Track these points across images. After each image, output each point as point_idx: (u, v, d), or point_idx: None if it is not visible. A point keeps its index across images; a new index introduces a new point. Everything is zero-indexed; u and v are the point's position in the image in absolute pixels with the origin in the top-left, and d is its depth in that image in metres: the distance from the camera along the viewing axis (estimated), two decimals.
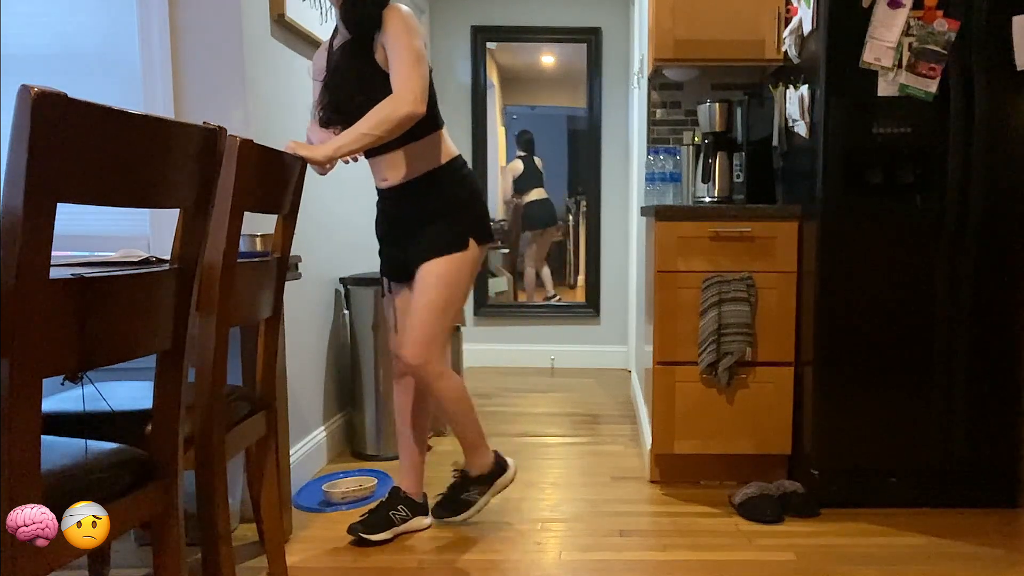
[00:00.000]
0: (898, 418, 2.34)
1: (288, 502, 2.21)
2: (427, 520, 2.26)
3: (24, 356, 0.91)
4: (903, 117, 2.27)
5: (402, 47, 1.88)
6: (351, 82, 1.97)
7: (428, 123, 1.98)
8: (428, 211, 2.02)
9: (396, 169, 2.02)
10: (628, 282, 4.52)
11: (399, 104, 1.85)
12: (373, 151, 2.03)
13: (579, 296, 4.73)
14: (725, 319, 2.45)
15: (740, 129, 2.95)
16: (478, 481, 2.19)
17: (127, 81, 2.18)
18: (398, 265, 2.12)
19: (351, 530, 2.13)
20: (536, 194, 4.62)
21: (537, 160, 4.63)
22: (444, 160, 2.04)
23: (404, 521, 2.19)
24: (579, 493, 2.56)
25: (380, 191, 2.11)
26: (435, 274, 2.00)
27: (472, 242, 2.03)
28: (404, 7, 1.94)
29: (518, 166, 4.58)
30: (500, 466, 2.22)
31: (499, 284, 4.70)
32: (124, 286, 1.09)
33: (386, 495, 2.24)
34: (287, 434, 2.22)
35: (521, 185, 4.61)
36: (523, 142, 4.61)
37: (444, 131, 2.07)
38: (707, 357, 2.47)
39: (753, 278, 2.47)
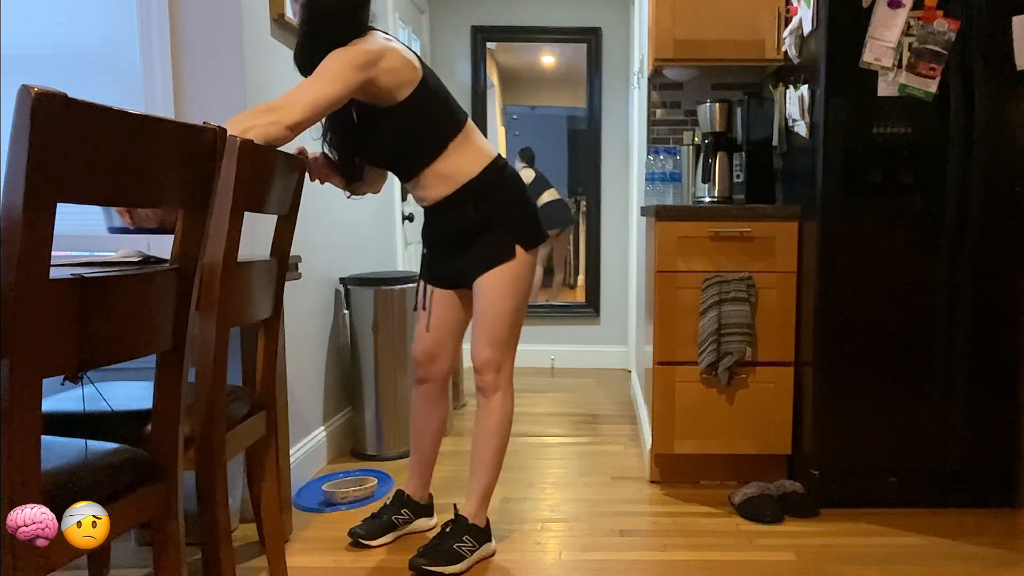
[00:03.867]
0: (898, 418, 2.34)
1: (288, 502, 2.21)
2: (432, 521, 2.25)
3: (24, 356, 0.91)
4: (903, 117, 2.27)
5: (317, 71, 1.77)
6: (345, 132, 1.96)
7: (443, 134, 1.92)
8: (471, 224, 1.96)
9: (429, 189, 1.98)
10: (628, 282, 4.52)
11: (264, 116, 1.66)
12: (401, 179, 2.02)
13: (579, 296, 4.73)
14: (725, 319, 2.45)
15: (740, 129, 2.96)
16: (473, 532, 2.02)
17: (127, 81, 2.18)
18: (445, 276, 2.09)
19: (352, 534, 2.12)
20: (549, 195, 4.64)
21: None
22: (478, 169, 1.95)
23: (407, 523, 2.19)
24: (579, 493, 2.56)
25: (422, 208, 2.08)
26: (491, 287, 1.96)
27: (519, 249, 1.97)
28: (371, 38, 1.82)
29: (529, 173, 4.59)
30: (488, 530, 2.09)
31: None
32: (124, 286, 1.09)
33: (390, 498, 2.23)
34: (287, 434, 2.22)
35: (534, 190, 4.62)
36: (525, 157, 4.62)
37: (470, 136, 1.97)
38: (707, 357, 2.47)
39: (753, 278, 2.47)
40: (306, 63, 1.86)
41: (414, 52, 1.96)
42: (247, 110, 1.71)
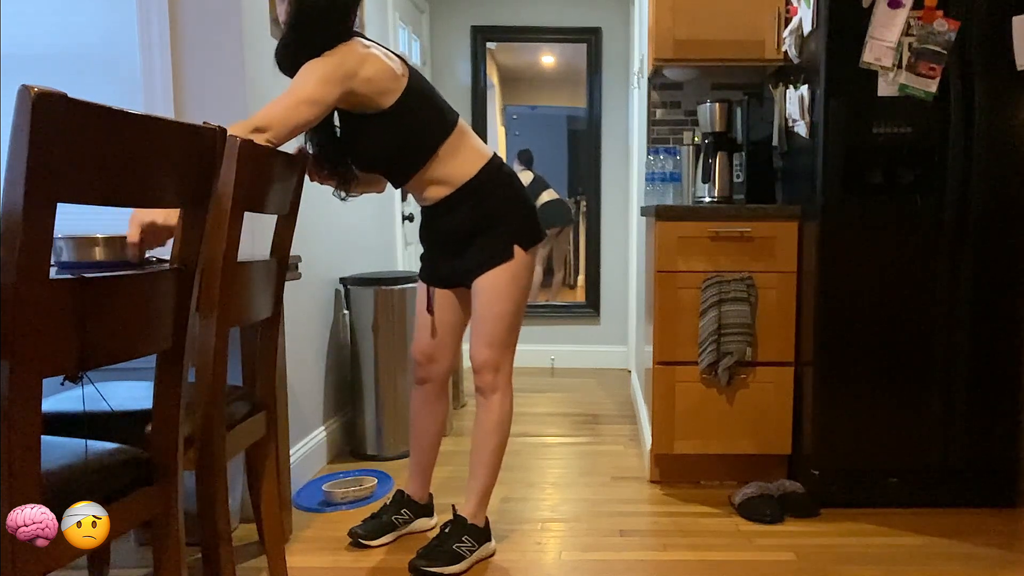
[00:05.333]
0: (898, 418, 2.34)
1: (288, 502, 2.21)
2: (432, 521, 2.25)
3: (24, 356, 0.91)
4: (903, 117, 2.27)
5: (294, 83, 1.75)
6: (331, 136, 1.95)
7: (433, 138, 1.91)
8: (469, 225, 1.96)
9: (427, 192, 1.98)
10: (628, 282, 4.52)
11: (241, 129, 1.62)
12: (394, 184, 2.02)
13: (579, 296, 4.73)
14: (725, 319, 2.45)
15: (740, 129, 2.95)
16: (472, 532, 2.01)
17: (127, 81, 2.18)
18: (444, 276, 2.08)
19: (352, 534, 2.12)
20: (548, 195, 4.65)
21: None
22: (474, 170, 1.95)
23: (407, 524, 2.19)
24: (579, 493, 2.56)
25: (421, 208, 2.07)
26: (489, 287, 1.96)
27: (518, 249, 1.96)
28: (352, 47, 1.81)
29: (527, 176, 4.60)
30: (488, 530, 2.08)
31: None
32: (124, 286, 1.09)
33: (389, 498, 2.23)
34: (287, 434, 2.22)
35: (532, 191, 4.62)
36: (523, 159, 4.63)
37: (462, 137, 1.96)
38: (707, 357, 2.47)
39: (753, 278, 2.47)
40: (287, 63, 1.86)
41: (398, 56, 1.94)
42: (232, 127, 1.64)
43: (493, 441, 2.04)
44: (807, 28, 2.40)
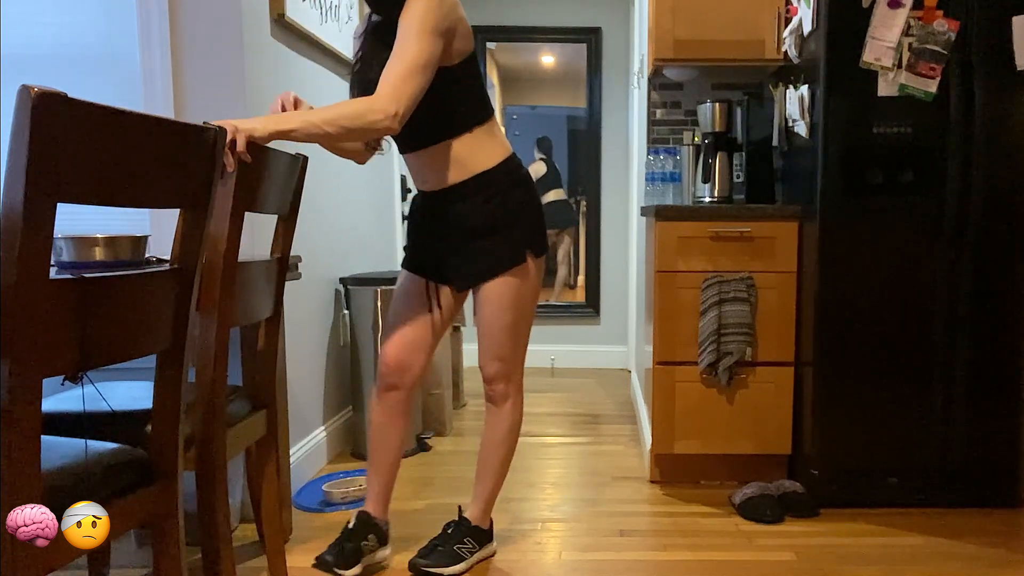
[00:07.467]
0: (898, 418, 2.34)
1: (288, 502, 2.21)
2: (386, 551, 2.02)
3: (24, 356, 0.91)
4: (903, 117, 2.27)
5: (407, 45, 1.62)
6: (379, 72, 1.68)
7: (474, 115, 1.80)
8: (480, 220, 1.82)
9: (438, 171, 1.82)
10: (628, 282, 4.52)
11: (377, 113, 1.57)
12: (409, 147, 1.84)
13: (579, 296, 4.73)
14: (725, 319, 2.45)
15: (740, 129, 2.96)
16: (475, 534, 1.99)
17: (127, 81, 2.18)
18: (435, 272, 1.93)
19: (321, 561, 1.91)
20: (554, 195, 4.63)
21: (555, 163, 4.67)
22: (496, 160, 1.82)
23: (372, 552, 1.97)
24: (579, 493, 2.56)
25: (421, 192, 1.91)
26: (499, 296, 1.85)
27: (529, 256, 1.86)
28: None
29: (540, 168, 4.58)
30: (491, 532, 2.07)
31: None
32: (124, 286, 1.09)
33: (352, 521, 1.99)
34: (287, 434, 2.22)
35: (543, 185, 4.61)
36: (543, 147, 4.62)
37: (493, 128, 1.85)
38: (707, 357, 2.47)
39: (753, 278, 2.47)
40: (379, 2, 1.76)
41: None
42: (341, 113, 1.58)
43: (504, 449, 2.01)
44: (807, 28, 2.40)
